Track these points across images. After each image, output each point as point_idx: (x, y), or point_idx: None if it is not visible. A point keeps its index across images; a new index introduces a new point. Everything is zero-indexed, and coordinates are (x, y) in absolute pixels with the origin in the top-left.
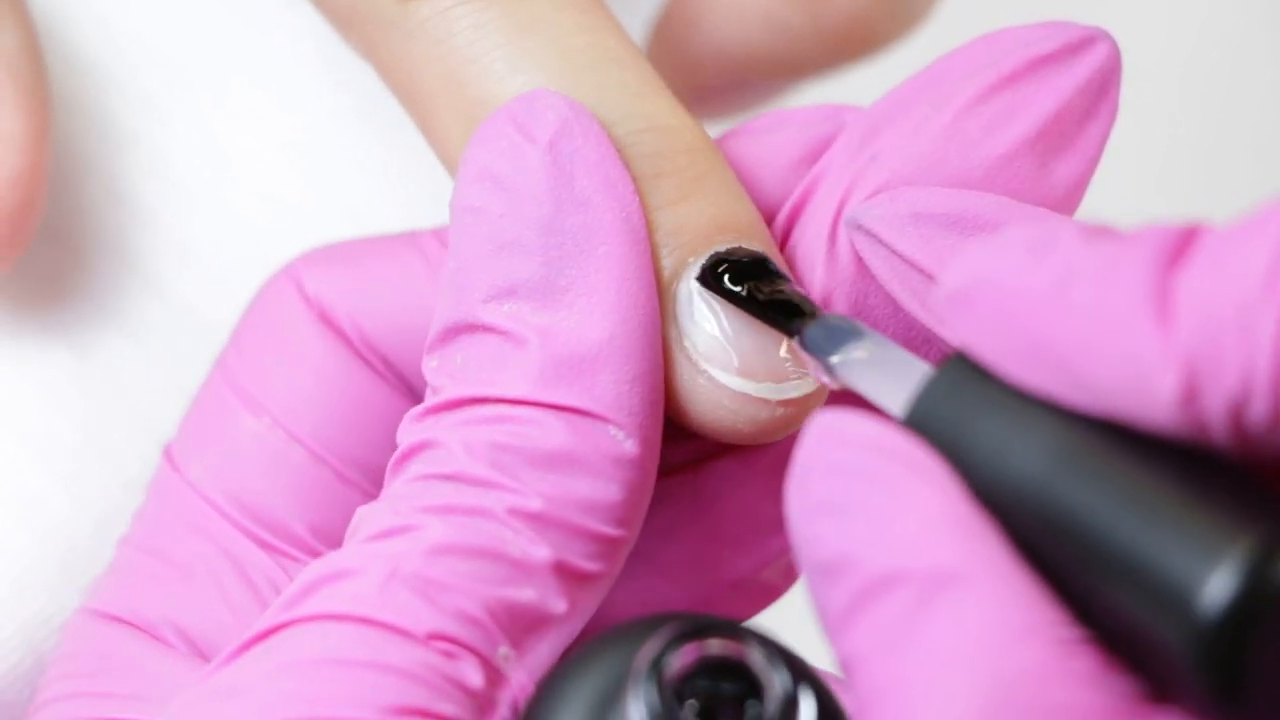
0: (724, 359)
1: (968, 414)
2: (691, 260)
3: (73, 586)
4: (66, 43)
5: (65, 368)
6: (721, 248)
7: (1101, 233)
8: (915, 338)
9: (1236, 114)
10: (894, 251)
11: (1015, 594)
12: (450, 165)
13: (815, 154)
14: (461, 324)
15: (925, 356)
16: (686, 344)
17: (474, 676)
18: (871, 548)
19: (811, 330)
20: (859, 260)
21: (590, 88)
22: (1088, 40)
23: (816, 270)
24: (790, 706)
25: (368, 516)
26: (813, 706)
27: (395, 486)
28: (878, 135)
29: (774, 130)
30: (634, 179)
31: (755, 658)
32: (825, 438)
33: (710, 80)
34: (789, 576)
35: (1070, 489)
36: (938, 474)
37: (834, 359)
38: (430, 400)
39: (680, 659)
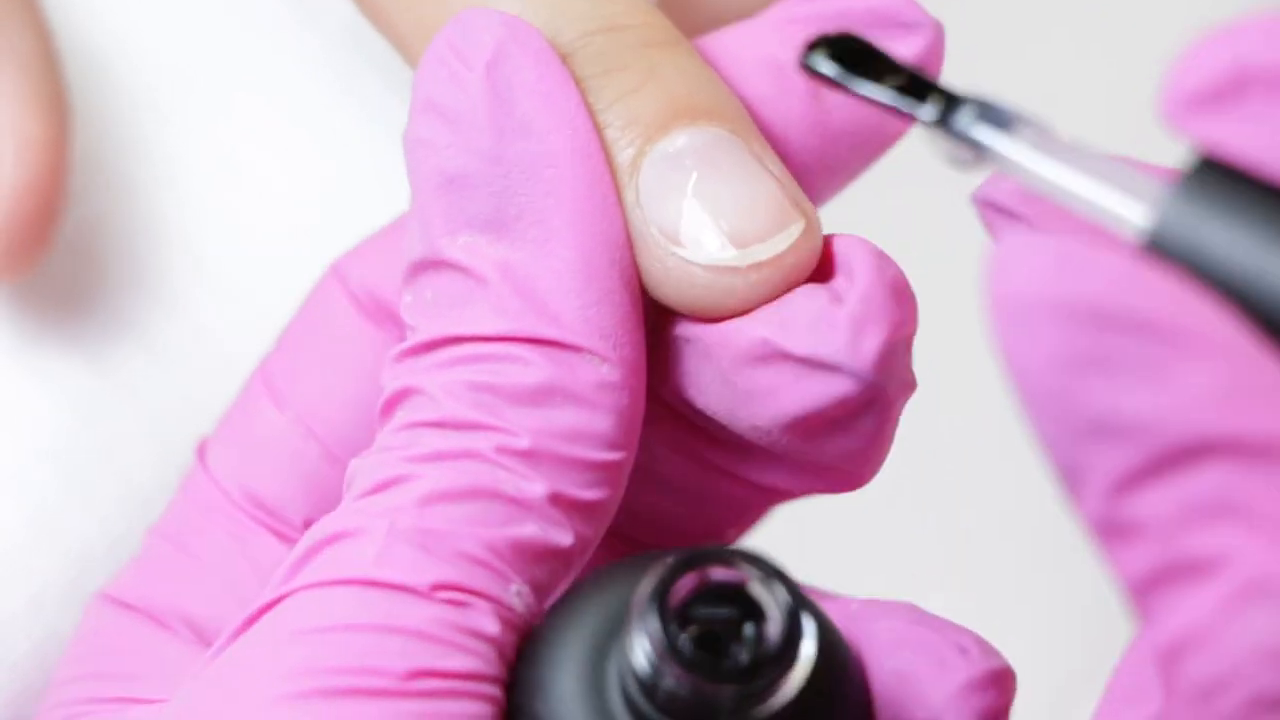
0: (687, 237)
1: (1241, 227)
2: (648, 148)
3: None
4: (79, 54)
5: (82, 382)
6: (812, 35)
7: None
8: None
9: None
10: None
11: None
12: None
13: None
14: (426, 259)
15: None
16: (652, 229)
17: (487, 622)
18: (1165, 411)
19: (965, 112)
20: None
21: None
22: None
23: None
24: (793, 627)
25: (361, 469)
26: (814, 628)
27: (384, 436)
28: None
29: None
30: (582, 79)
31: (754, 583)
32: (1061, 267)
33: None
34: None
35: None
36: (1222, 320)
37: (1009, 146)
38: (409, 340)
39: (682, 587)
